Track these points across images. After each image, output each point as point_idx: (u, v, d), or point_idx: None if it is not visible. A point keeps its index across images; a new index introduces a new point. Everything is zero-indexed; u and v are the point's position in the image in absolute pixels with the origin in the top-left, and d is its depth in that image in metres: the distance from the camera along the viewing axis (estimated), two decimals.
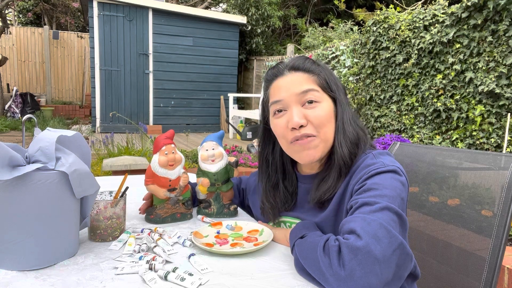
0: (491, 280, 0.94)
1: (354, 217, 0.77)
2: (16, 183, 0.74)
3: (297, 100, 0.93)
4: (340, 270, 0.69)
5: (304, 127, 0.92)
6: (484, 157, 1.05)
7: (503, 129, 3.47)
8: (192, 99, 7.98)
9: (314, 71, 0.96)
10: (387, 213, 0.75)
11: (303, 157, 0.94)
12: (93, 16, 7.06)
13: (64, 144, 0.84)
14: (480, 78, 3.63)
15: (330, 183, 0.92)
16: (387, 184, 0.82)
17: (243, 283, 0.75)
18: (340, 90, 0.98)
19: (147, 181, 1.06)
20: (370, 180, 0.84)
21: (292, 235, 0.89)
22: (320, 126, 0.92)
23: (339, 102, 0.96)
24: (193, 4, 10.91)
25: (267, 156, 1.07)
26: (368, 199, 0.79)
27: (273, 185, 1.05)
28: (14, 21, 13.36)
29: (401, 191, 0.82)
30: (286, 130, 0.94)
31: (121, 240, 0.92)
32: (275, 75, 0.99)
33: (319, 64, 0.99)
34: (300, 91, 0.93)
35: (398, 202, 0.79)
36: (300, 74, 0.96)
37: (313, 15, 11.33)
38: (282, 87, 0.95)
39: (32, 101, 9.11)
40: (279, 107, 0.95)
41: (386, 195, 0.79)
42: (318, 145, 0.93)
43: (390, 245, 0.69)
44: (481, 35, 3.63)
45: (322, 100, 0.94)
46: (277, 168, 1.06)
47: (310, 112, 0.92)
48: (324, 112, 0.93)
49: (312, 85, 0.94)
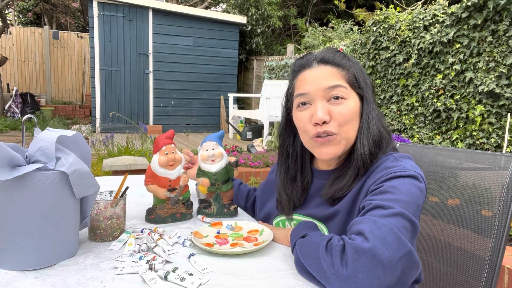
0: (491, 280, 0.95)
1: (364, 218, 0.76)
2: (16, 183, 0.74)
3: (323, 95, 0.90)
4: (342, 269, 0.69)
5: (327, 123, 0.89)
6: (484, 157, 1.05)
7: (503, 129, 3.47)
8: (192, 99, 7.98)
9: (343, 66, 0.93)
10: (400, 219, 0.74)
11: (323, 153, 0.92)
12: (93, 16, 7.06)
13: (64, 144, 0.84)
14: (480, 78, 3.63)
15: (346, 181, 0.91)
16: (405, 189, 0.80)
17: (243, 283, 0.75)
18: (369, 87, 0.95)
19: (147, 181, 1.06)
20: (388, 182, 0.82)
21: (293, 235, 0.89)
22: (343, 124, 0.90)
23: (366, 100, 0.93)
24: (193, 4, 10.91)
25: (287, 148, 1.05)
26: (382, 202, 0.77)
27: (291, 177, 1.03)
28: (14, 21, 13.36)
29: (418, 198, 0.80)
30: (308, 124, 0.92)
31: (121, 240, 0.92)
32: (302, 66, 0.96)
33: (350, 59, 0.95)
34: (327, 86, 0.90)
35: (413, 209, 0.78)
36: (329, 68, 0.92)
37: (313, 15, 11.33)
38: (309, 80, 0.92)
39: (32, 101, 9.11)
40: (303, 100, 0.93)
41: (401, 201, 0.77)
42: (339, 143, 0.91)
43: (398, 251, 0.68)
44: (481, 35, 3.63)
45: (349, 97, 0.91)
46: (296, 159, 1.04)
47: (335, 108, 0.90)
48: (349, 110, 0.90)
49: (340, 81, 0.91)
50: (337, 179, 0.93)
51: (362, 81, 0.94)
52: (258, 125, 6.77)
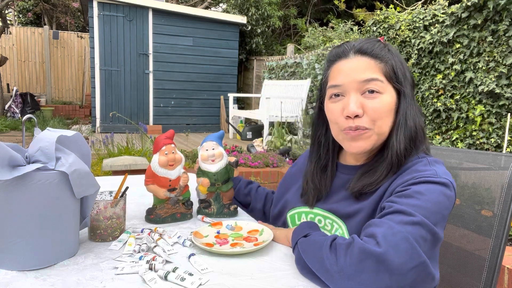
0: (491, 280, 0.95)
1: (381, 221, 0.73)
2: (16, 183, 0.74)
3: (357, 88, 0.87)
4: (346, 267, 0.69)
5: (359, 117, 0.86)
6: (484, 157, 1.05)
7: (503, 129, 3.47)
8: (192, 99, 7.98)
9: (382, 58, 0.88)
10: (419, 229, 0.71)
11: (353, 147, 0.88)
12: (93, 16, 7.06)
13: (64, 144, 0.84)
14: (480, 78, 3.63)
15: (377, 177, 0.87)
16: (432, 197, 0.76)
17: (243, 283, 0.75)
18: (408, 81, 0.90)
19: (147, 181, 1.06)
20: (415, 186, 0.78)
21: (295, 234, 0.89)
22: (376, 119, 0.86)
23: (404, 95, 0.89)
24: (193, 4, 10.91)
25: (319, 137, 1.02)
26: (404, 207, 0.74)
27: (322, 167, 1.00)
28: (14, 21, 13.36)
29: (445, 208, 0.77)
30: (340, 117, 0.88)
31: (121, 240, 0.92)
32: (338, 56, 0.92)
33: (390, 50, 0.90)
34: (362, 79, 0.86)
35: (437, 218, 0.74)
36: (366, 59, 0.88)
37: (313, 15, 11.33)
38: (344, 71, 0.88)
39: (32, 101, 9.11)
40: (336, 91, 0.89)
41: (425, 208, 0.74)
42: (369, 137, 0.87)
43: (410, 260, 0.66)
44: (481, 35, 3.63)
45: (385, 91, 0.87)
46: (328, 149, 1.01)
47: (368, 102, 0.86)
48: (384, 105, 0.86)
49: (377, 74, 0.86)
50: (366, 174, 0.89)
51: (401, 74, 0.89)
52: (258, 125, 6.77)
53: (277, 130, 5.06)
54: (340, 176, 0.98)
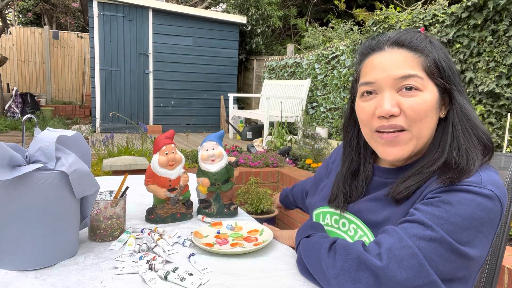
0: (491, 280, 0.94)
1: (394, 231, 0.68)
2: (16, 183, 0.74)
3: (393, 85, 0.76)
4: (343, 274, 0.68)
5: (395, 117, 0.76)
6: None
7: (503, 129, 3.47)
8: (192, 99, 7.98)
9: (422, 50, 0.78)
10: (436, 247, 0.64)
11: (387, 153, 0.78)
12: (93, 16, 7.06)
13: (64, 144, 0.84)
14: (480, 78, 3.63)
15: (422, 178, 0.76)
16: (463, 211, 0.66)
17: (243, 283, 0.74)
18: (456, 76, 0.79)
19: (147, 181, 1.06)
20: (446, 195, 0.69)
21: (298, 234, 0.88)
22: (415, 120, 0.75)
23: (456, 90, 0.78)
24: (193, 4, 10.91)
25: (351, 139, 0.93)
26: (425, 218, 0.67)
27: (354, 171, 0.91)
28: (14, 21, 13.36)
29: (481, 224, 0.66)
30: (372, 117, 0.79)
31: (121, 240, 0.92)
32: (372, 49, 0.82)
33: (432, 41, 0.80)
34: (398, 75, 0.76)
35: (468, 236, 0.66)
36: (404, 52, 0.78)
37: (313, 15, 11.33)
38: (378, 66, 0.78)
39: (32, 101, 9.11)
40: (369, 88, 0.80)
41: (452, 223, 0.66)
42: (408, 142, 0.77)
43: (415, 278, 0.62)
44: (481, 35, 3.63)
45: (425, 88, 0.76)
46: (360, 152, 0.91)
47: (405, 101, 0.75)
48: (424, 104, 0.75)
49: (416, 70, 0.76)
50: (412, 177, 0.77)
51: (446, 68, 0.78)
52: (258, 125, 6.77)
53: (277, 130, 5.06)
54: (376, 179, 0.88)
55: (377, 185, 0.87)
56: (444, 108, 0.80)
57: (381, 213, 0.80)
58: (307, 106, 6.21)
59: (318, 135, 4.50)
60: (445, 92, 0.79)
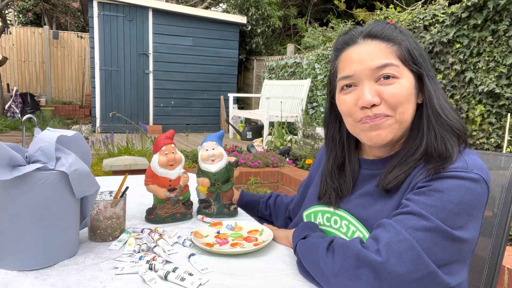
0: (491, 280, 0.94)
1: (391, 225, 0.69)
2: (16, 183, 0.74)
3: (370, 75, 0.78)
4: (343, 272, 0.68)
5: (376, 106, 0.78)
6: (484, 157, 1.05)
7: (503, 129, 3.47)
8: (192, 99, 7.98)
9: (394, 40, 0.80)
10: (433, 236, 0.66)
11: (372, 137, 0.79)
12: (93, 16, 7.06)
13: (64, 144, 0.84)
14: (480, 78, 3.63)
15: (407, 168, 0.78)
16: (455, 197, 0.69)
17: (243, 283, 0.75)
18: (427, 62, 0.82)
19: (147, 181, 1.06)
20: (437, 182, 0.71)
21: (294, 236, 0.88)
22: (396, 106, 0.77)
23: (428, 75, 0.80)
24: (193, 4, 10.91)
25: (334, 135, 0.94)
26: (419, 209, 0.68)
27: (339, 165, 0.92)
28: (14, 21, 13.36)
29: (472, 208, 0.69)
30: (354, 108, 0.80)
31: (121, 240, 0.93)
32: (346, 43, 0.83)
33: (402, 31, 0.82)
34: (375, 65, 0.78)
35: (461, 220, 0.68)
36: (377, 43, 0.80)
37: (313, 15, 11.33)
38: (354, 59, 0.80)
39: (32, 101, 9.11)
40: (348, 82, 0.81)
41: (445, 210, 0.67)
42: (391, 125, 0.78)
43: (414, 271, 0.63)
44: (481, 35, 3.63)
45: (401, 75, 0.78)
46: (344, 147, 0.93)
47: (385, 89, 0.77)
48: (403, 90, 0.77)
49: (391, 59, 0.78)
50: (398, 166, 0.79)
51: (418, 55, 0.80)
52: (258, 125, 6.77)
53: (277, 130, 5.06)
54: (363, 172, 0.89)
55: (364, 178, 0.88)
56: (421, 95, 0.82)
57: (372, 207, 0.81)
58: (307, 106, 6.21)
59: (318, 135, 4.50)
60: (420, 79, 0.81)
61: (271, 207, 1.26)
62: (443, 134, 0.77)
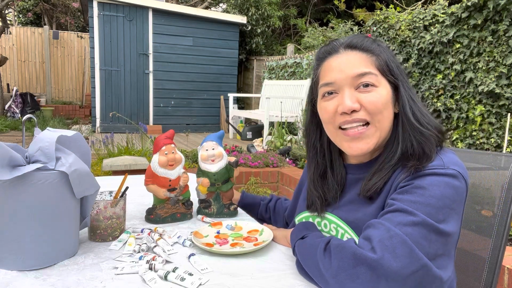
0: (491, 280, 0.94)
1: (380, 223, 0.71)
2: (16, 183, 0.74)
3: (351, 83, 0.82)
4: (340, 272, 0.68)
5: (356, 112, 0.81)
6: (484, 157, 1.05)
7: (503, 129, 3.47)
8: (192, 99, 7.98)
9: (373, 51, 0.85)
10: (420, 230, 0.68)
11: (353, 148, 0.83)
12: (93, 16, 7.06)
13: (64, 144, 0.84)
14: (480, 78, 3.63)
15: (385, 173, 0.82)
16: (435, 191, 0.72)
17: (243, 283, 0.75)
18: (403, 74, 0.87)
19: (147, 181, 1.06)
20: (417, 180, 0.74)
21: (292, 236, 0.88)
22: (375, 113, 0.81)
23: (404, 85, 0.85)
24: (193, 4, 10.91)
25: (314, 143, 0.97)
26: (405, 205, 0.71)
27: (321, 173, 0.95)
28: (14, 21, 13.36)
29: (453, 201, 0.72)
30: (334, 115, 0.84)
31: (121, 240, 0.93)
32: (328, 53, 0.88)
33: (380, 44, 0.87)
34: (355, 73, 0.82)
35: (444, 214, 0.71)
36: (357, 53, 0.84)
37: (313, 15, 11.33)
38: (335, 67, 0.84)
39: (32, 101, 9.11)
40: (329, 89, 0.85)
41: (428, 205, 0.70)
42: (373, 135, 0.82)
43: (408, 265, 0.64)
44: (481, 35, 3.62)
45: (380, 84, 0.83)
46: (325, 154, 0.96)
47: (364, 96, 0.81)
48: (381, 98, 0.81)
49: (370, 68, 0.83)
50: (377, 172, 0.83)
51: (395, 67, 0.85)
52: (258, 125, 6.77)
53: (277, 130, 5.06)
54: (350, 177, 0.92)
55: (352, 182, 0.91)
56: (397, 104, 0.86)
57: (359, 211, 0.85)
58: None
59: None
60: (396, 89, 0.86)
61: (271, 211, 1.28)
62: (420, 140, 0.80)
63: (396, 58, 0.88)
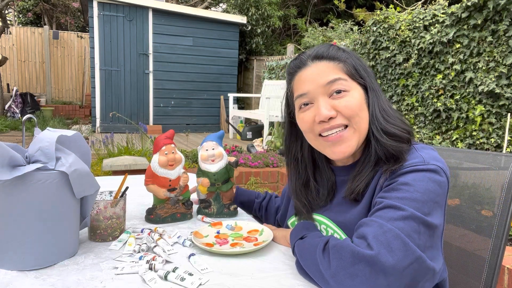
0: (491, 280, 0.95)
1: (372, 221, 0.73)
2: (16, 183, 0.74)
3: (323, 92, 0.86)
4: (340, 272, 0.69)
5: (333, 118, 0.85)
6: (484, 157, 1.05)
7: (503, 129, 3.47)
8: (192, 99, 7.98)
9: (340, 58, 0.88)
10: (410, 223, 0.70)
11: (335, 152, 0.86)
12: (93, 16, 7.06)
13: (64, 144, 0.84)
14: (480, 78, 3.63)
15: (365, 175, 0.85)
16: (420, 186, 0.75)
17: (243, 283, 0.75)
18: (371, 76, 0.91)
19: (147, 181, 1.06)
20: (401, 178, 0.77)
21: (292, 236, 0.89)
22: (352, 116, 0.84)
23: (371, 88, 0.89)
24: (193, 4, 10.91)
25: (295, 154, 1.00)
26: (393, 201, 0.74)
27: (304, 183, 0.98)
28: (14, 21, 13.36)
29: (436, 195, 0.75)
30: (313, 124, 0.87)
31: (121, 240, 0.93)
32: (297, 67, 0.92)
33: (345, 50, 0.91)
34: (326, 81, 0.86)
35: (429, 207, 0.73)
36: (325, 63, 0.88)
37: (313, 15, 11.33)
38: (307, 79, 0.88)
39: (32, 101, 9.11)
40: (305, 100, 0.89)
41: (415, 199, 0.73)
42: (352, 137, 0.85)
43: (404, 258, 0.65)
44: (481, 35, 3.63)
45: (351, 88, 0.86)
46: (306, 165, 0.98)
47: (339, 102, 0.85)
48: (355, 101, 0.85)
49: (339, 74, 0.86)
50: (359, 173, 0.87)
51: (362, 70, 0.89)
52: (258, 125, 6.77)
53: (277, 130, 5.06)
54: (339, 179, 0.96)
55: (341, 184, 0.95)
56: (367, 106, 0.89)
57: (348, 212, 0.88)
58: None
59: None
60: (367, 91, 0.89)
61: (263, 210, 1.29)
62: (387, 140, 0.84)
63: (364, 61, 0.92)
